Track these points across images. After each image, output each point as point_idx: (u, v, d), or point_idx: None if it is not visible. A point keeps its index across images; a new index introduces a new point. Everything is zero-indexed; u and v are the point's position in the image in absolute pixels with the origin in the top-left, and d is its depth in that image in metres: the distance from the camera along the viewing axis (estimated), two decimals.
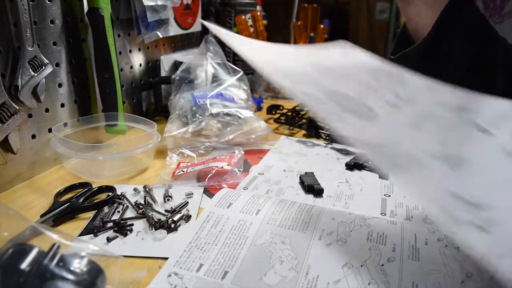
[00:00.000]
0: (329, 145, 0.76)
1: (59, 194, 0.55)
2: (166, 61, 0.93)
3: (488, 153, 0.37)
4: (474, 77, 0.49)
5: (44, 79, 0.58)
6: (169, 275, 0.39)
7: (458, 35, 0.48)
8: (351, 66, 0.48)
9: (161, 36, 0.86)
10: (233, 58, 1.10)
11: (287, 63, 0.46)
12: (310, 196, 0.57)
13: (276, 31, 1.33)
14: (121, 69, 0.79)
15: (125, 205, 0.53)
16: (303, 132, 0.83)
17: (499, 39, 0.50)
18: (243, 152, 0.67)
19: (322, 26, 1.06)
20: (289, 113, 0.89)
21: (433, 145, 0.38)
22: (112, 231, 0.47)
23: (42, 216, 0.49)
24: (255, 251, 0.43)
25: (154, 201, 0.54)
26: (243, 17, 1.04)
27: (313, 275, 0.39)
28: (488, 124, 0.40)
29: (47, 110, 0.63)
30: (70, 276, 0.32)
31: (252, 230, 0.46)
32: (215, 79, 0.83)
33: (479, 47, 0.49)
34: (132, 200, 0.54)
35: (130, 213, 0.52)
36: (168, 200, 0.54)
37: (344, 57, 0.50)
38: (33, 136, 0.61)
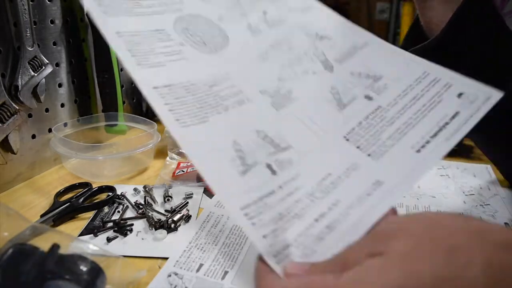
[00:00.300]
0: None
1: (59, 194, 0.55)
2: None
3: (317, 92, 0.36)
4: (487, 73, 0.49)
5: (44, 79, 0.58)
6: (169, 275, 0.39)
7: (472, 32, 0.47)
8: None
9: None
10: None
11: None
12: None
13: None
14: (121, 69, 0.79)
15: (125, 205, 0.53)
16: None
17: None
18: None
19: None
20: None
21: (270, 81, 0.37)
22: (112, 231, 0.47)
23: (42, 216, 0.49)
24: (255, 251, 0.43)
25: (154, 201, 0.54)
26: None
27: None
28: (336, 58, 0.39)
29: (47, 110, 0.63)
30: (70, 276, 0.32)
31: None
32: None
33: (493, 45, 0.48)
34: (132, 200, 0.54)
35: (130, 213, 0.52)
36: (168, 200, 0.54)
37: None
38: (33, 136, 0.61)
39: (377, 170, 0.30)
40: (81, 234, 0.47)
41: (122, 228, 0.47)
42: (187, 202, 0.54)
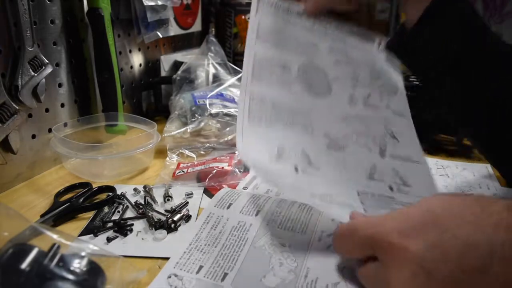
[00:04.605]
0: None
1: (59, 194, 0.55)
2: (166, 61, 0.93)
3: (362, 162, 0.49)
4: (459, 72, 0.48)
5: (44, 79, 0.58)
6: (169, 277, 0.39)
7: (444, 28, 0.47)
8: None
9: (161, 36, 0.86)
10: (233, 58, 1.10)
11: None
12: None
13: None
14: (121, 69, 0.79)
15: (125, 205, 0.53)
16: None
17: (492, 38, 0.49)
18: None
19: None
20: None
21: (336, 132, 0.50)
22: (112, 231, 0.47)
23: (42, 216, 0.49)
24: (255, 253, 0.43)
25: (154, 201, 0.54)
26: (243, 17, 1.04)
27: (312, 277, 0.39)
28: (391, 154, 0.48)
29: (47, 110, 0.63)
30: (70, 276, 0.32)
31: (251, 232, 0.46)
32: (216, 79, 0.83)
33: (467, 44, 0.47)
34: (132, 200, 0.54)
35: (130, 213, 0.52)
36: (168, 200, 0.54)
37: None
38: (33, 136, 0.61)
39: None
40: (81, 234, 0.47)
41: (122, 228, 0.47)
42: (187, 202, 0.54)
